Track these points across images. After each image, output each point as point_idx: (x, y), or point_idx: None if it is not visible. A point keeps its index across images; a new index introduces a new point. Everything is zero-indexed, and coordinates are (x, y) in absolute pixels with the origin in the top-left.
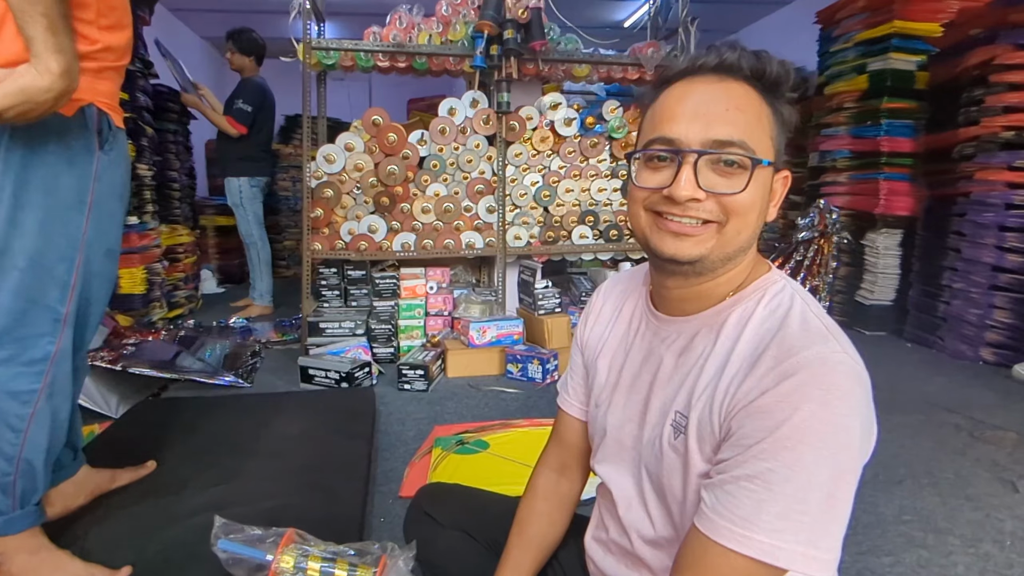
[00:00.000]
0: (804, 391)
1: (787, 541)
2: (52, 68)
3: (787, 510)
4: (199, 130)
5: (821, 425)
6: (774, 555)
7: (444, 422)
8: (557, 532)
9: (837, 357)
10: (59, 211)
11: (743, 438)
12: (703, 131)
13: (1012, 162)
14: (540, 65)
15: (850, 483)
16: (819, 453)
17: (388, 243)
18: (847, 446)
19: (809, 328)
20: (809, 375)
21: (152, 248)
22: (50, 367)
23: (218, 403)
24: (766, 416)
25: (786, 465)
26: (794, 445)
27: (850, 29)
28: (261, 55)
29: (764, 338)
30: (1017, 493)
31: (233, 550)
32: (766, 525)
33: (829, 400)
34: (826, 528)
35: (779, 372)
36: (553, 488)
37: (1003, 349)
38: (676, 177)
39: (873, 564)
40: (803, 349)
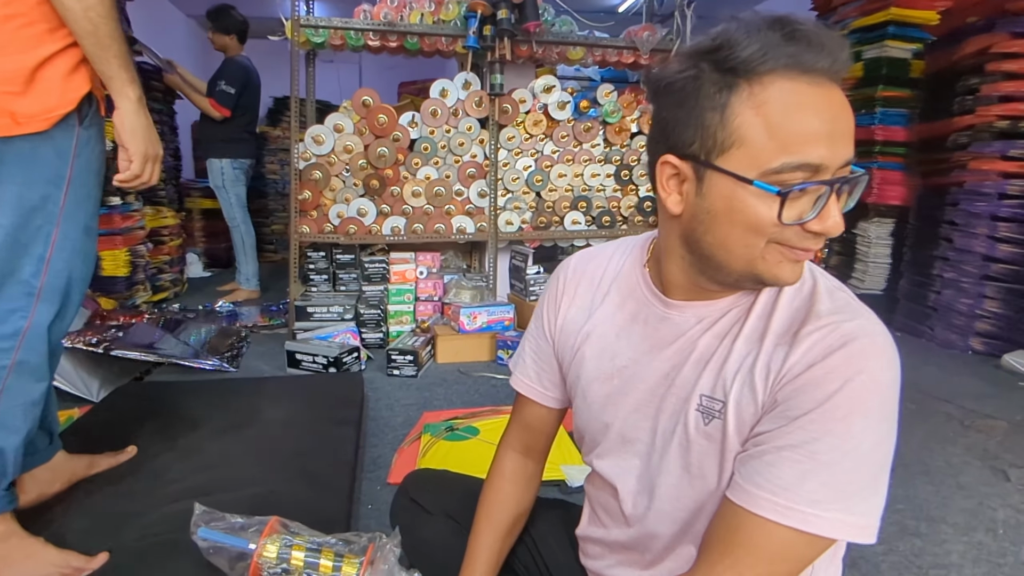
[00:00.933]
0: (854, 362)
1: (829, 510)
2: (131, 96)
3: (832, 479)
4: (184, 111)
5: (870, 395)
6: (819, 526)
7: (433, 408)
8: (524, 509)
9: (878, 328)
10: (36, 185)
11: (788, 410)
12: (844, 154)
13: (1006, 151)
14: (534, 47)
15: (889, 449)
16: (867, 422)
17: (378, 227)
18: (891, 413)
19: (839, 302)
20: (858, 347)
21: (136, 230)
22: (20, 342)
23: (202, 387)
24: (816, 388)
25: (832, 434)
26: (844, 415)
27: (846, 16)
28: (243, 33)
29: (798, 313)
30: (1008, 482)
31: (214, 539)
32: (809, 495)
33: (877, 370)
34: (867, 496)
35: (826, 345)
36: (520, 470)
37: (993, 339)
38: (826, 209)
39: (867, 552)
40: (845, 322)
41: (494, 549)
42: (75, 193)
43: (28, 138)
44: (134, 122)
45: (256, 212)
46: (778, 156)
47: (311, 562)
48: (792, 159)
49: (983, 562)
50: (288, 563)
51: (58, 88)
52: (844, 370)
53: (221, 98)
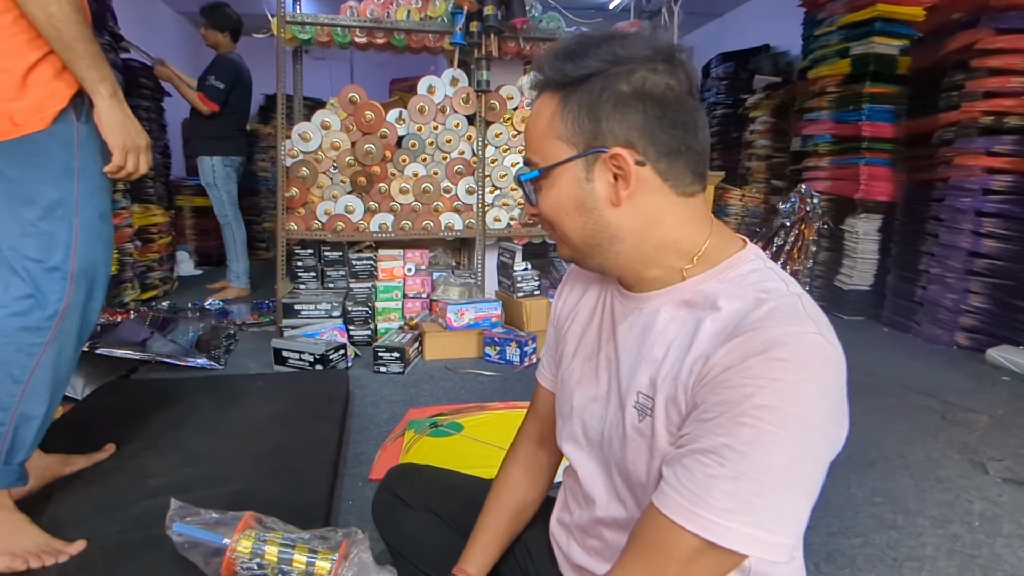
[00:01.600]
0: (769, 368)
1: (735, 521)
2: (104, 93)
3: (738, 489)
4: (174, 108)
5: (784, 404)
6: (721, 535)
7: (419, 405)
8: (533, 501)
9: (810, 338)
10: (51, 179)
11: (704, 412)
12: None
13: (990, 147)
14: (521, 43)
15: (811, 468)
16: (779, 433)
17: (365, 224)
18: (811, 428)
19: (783, 306)
20: (777, 353)
21: (123, 228)
22: (57, 322)
23: (187, 385)
24: (728, 391)
25: (742, 442)
26: (753, 422)
27: (834, 13)
28: (236, 30)
29: (735, 316)
30: (987, 475)
31: (189, 533)
32: (715, 503)
33: (795, 380)
34: (779, 512)
35: (746, 349)
36: (532, 458)
37: (977, 334)
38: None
39: (843, 545)
40: (774, 327)
41: (500, 530)
42: (86, 184)
43: (32, 138)
44: (110, 117)
45: (247, 210)
46: None
47: (285, 557)
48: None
49: (957, 554)
50: (262, 558)
51: (48, 89)
52: (759, 375)
53: (210, 92)
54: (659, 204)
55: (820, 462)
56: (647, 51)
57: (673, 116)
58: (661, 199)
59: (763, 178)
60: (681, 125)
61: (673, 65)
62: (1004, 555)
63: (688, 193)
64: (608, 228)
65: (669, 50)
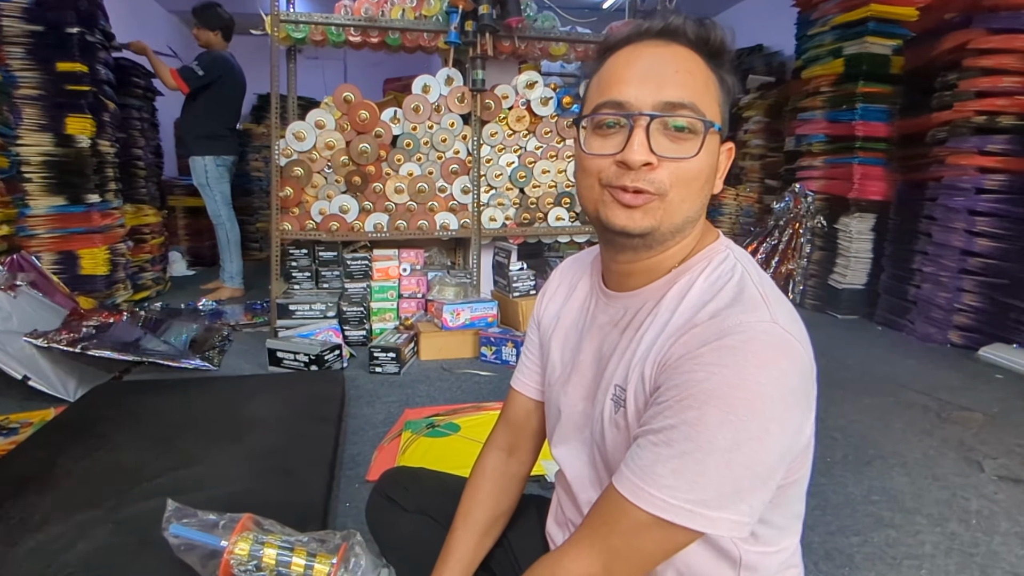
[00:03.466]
0: (720, 355)
1: (677, 498)
2: None
3: (682, 467)
4: (166, 107)
5: (731, 390)
6: (663, 509)
7: (415, 405)
8: (504, 510)
9: (763, 326)
10: None
11: (659, 396)
12: (655, 93)
13: (983, 147)
14: (516, 42)
15: (759, 451)
16: (724, 417)
17: (360, 224)
18: (757, 413)
19: (743, 297)
20: (729, 341)
21: (115, 228)
22: None
23: (181, 386)
24: (679, 375)
25: (688, 423)
26: (699, 405)
27: (827, 12)
28: (227, 29)
29: (697, 307)
30: (983, 473)
31: (186, 535)
32: (661, 480)
33: (744, 366)
34: (721, 490)
35: (700, 336)
36: (502, 469)
37: (971, 332)
38: (628, 141)
39: (842, 544)
40: (729, 317)
41: (469, 548)
42: None
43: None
44: None
45: (240, 210)
46: (595, 99)
47: (283, 560)
48: (602, 99)
49: (956, 552)
50: (260, 561)
51: None
52: (710, 362)
53: (185, 72)
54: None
55: (770, 447)
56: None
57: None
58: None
59: (757, 177)
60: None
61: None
62: (1001, 552)
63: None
64: (699, 208)
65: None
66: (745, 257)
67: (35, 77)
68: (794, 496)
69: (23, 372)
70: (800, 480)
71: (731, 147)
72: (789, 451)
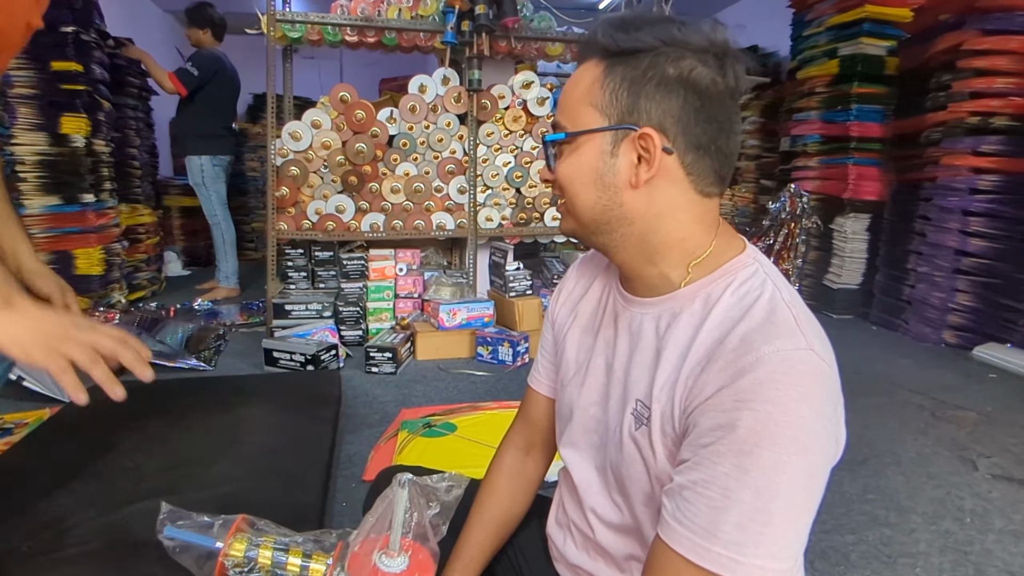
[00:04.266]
0: (760, 390)
1: (746, 555)
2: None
3: (746, 520)
4: (161, 107)
5: (778, 428)
6: (732, 569)
7: (412, 405)
8: (518, 511)
9: (800, 355)
10: None
11: (699, 437)
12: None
13: (977, 147)
14: (512, 42)
15: (813, 488)
16: (778, 458)
17: (356, 223)
18: (807, 449)
19: (776, 319)
20: (767, 373)
21: (110, 228)
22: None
23: (176, 386)
24: (722, 415)
25: (743, 470)
26: (751, 449)
27: (822, 13)
28: (218, 27)
29: (727, 328)
30: (977, 471)
31: (180, 537)
32: (725, 536)
33: (787, 401)
34: (786, 538)
35: (736, 368)
36: (519, 467)
37: (965, 332)
38: None
39: (837, 542)
40: (764, 344)
41: (483, 546)
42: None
43: None
44: (16, 332)
45: (236, 210)
46: None
47: (279, 560)
48: None
49: (950, 550)
50: (255, 562)
51: None
52: (749, 397)
53: (182, 75)
54: (675, 197)
55: (819, 479)
56: (703, 41)
57: (711, 111)
58: (679, 192)
59: (752, 178)
60: (716, 123)
61: (724, 62)
62: (995, 550)
63: (706, 193)
64: (620, 208)
65: (724, 46)
66: (774, 271)
67: (30, 76)
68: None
69: (17, 373)
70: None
71: (644, 132)
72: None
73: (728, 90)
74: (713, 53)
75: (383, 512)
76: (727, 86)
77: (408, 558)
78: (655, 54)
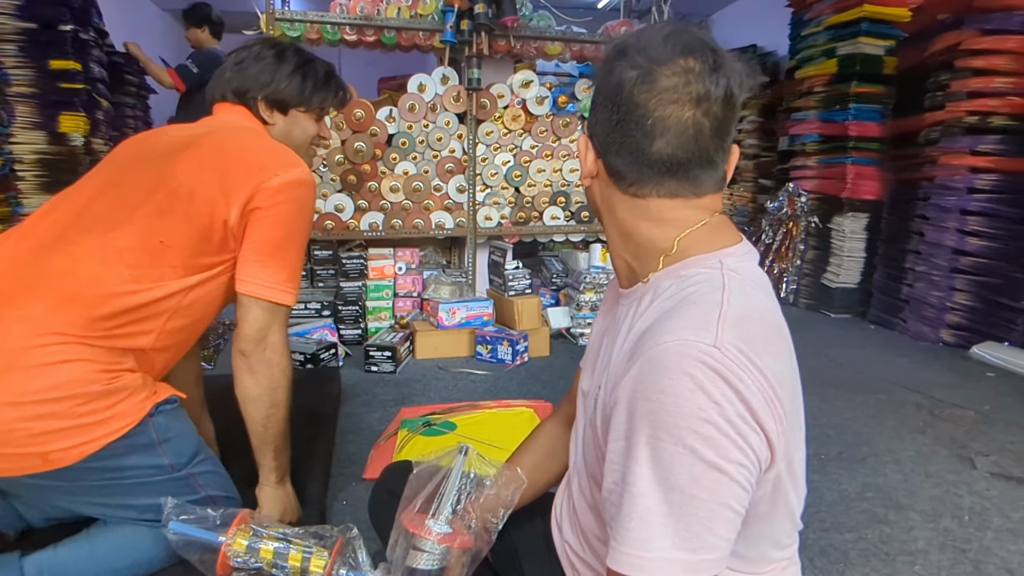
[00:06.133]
0: (654, 379)
1: (653, 550)
2: (271, 481)
3: (645, 516)
4: (160, 105)
5: (671, 419)
6: (642, 567)
7: (411, 404)
8: (548, 470)
9: (700, 347)
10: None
11: (611, 431)
12: None
13: (975, 147)
14: (512, 42)
15: (717, 482)
16: (676, 449)
17: (355, 222)
18: (705, 440)
19: (693, 312)
20: (661, 362)
21: None
22: None
23: None
24: (619, 406)
25: (641, 463)
26: (648, 441)
27: (821, 13)
28: (215, 25)
29: (652, 317)
30: (975, 469)
31: (184, 532)
32: (629, 534)
33: (680, 391)
34: (691, 528)
35: (637, 356)
36: (559, 433)
37: (962, 331)
38: None
39: (836, 540)
40: (667, 333)
41: (528, 463)
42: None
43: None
44: (272, 500)
45: None
46: None
47: (281, 553)
48: None
49: (949, 548)
50: (257, 555)
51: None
52: (645, 387)
53: (182, 71)
54: (611, 196)
55: (727, 472)
56: (639, 55)
57: (627, 116)
58: (612, 192)
59: (751, 177)
60: (635, 127)
61: (652, 67)
62: (994, 548)
63: (634, 194)
64: (590, 201)
65: (660, 57)
66: (746, 273)
67: (28, 74)
68: (765, 531)
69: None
70: (764, 515)
71: (583, 136)
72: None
73: (655, 95)
74: (646, 59)
75: (438, 477)
76: (653, 91)
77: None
78: (608, 65)
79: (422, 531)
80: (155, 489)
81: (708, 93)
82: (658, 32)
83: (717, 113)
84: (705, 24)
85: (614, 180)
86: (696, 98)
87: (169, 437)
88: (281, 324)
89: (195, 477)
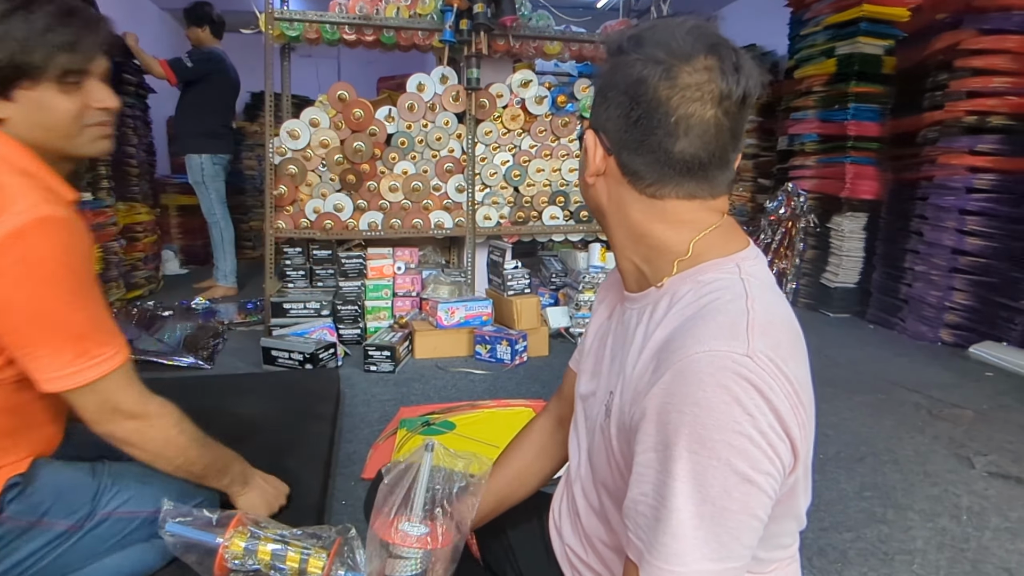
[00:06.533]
0: (687, 392)
1: (687, 563)
2: (239, 492)
3: (678, 530)
4: (158, 105)
5: (706, 431)
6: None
7: (410, 403)
8: (540, 467)
9: (734, 358)
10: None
11: (638, 443)
12: None
13: (974, 146)
14: (511, 41)
15: (748, 493)
16: (710, 463)
17: (354, 222)
18: (738, 451)
19: (721, 321)
20: (693, 374)
21: (108, 226)
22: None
23: (174, 384)
24: (647, 418)
25: (674, 476)
26: (680, 454)
27: (820, 13)
28: (216, 25)
29: (675, 325)
30: (973, 469)
31: (181, 533)
32: (664, 548)
33: (714, 404)
34: (720, 540)
35: (666, 367)
36: (550, 430)
37: (961, 330)
38: None
39: (835, 540)
40: (696, 344)
41: (498, 482)
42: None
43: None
44: (254, 501)
45: (234, 208)
46: None
47: (279, 554)
48: None
49: (947, 547)
50: (255, 556)
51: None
52: (677, 399)
53: (175, 64)
54: (624, 196)
55: (757, 485)
56: (659, 49)
57: (648, 113)
58: (626, 192)
59: (750, 177)
60: (658, 125)
61: (674, 63)
62: (992, 547)
63: (651, 194)
64: (592, 199)
65: (682, 53)
66: (761, 277)
67: None
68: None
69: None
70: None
71: (588, 131)
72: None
73: (676, 94)
74: (671, 58)
75: (407, 479)
76: (674, 90)
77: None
78: (618, 59)
79: (397, 538)
80: (80, 552)
81: (729, 92)
82: (678, 26)
83: (735, 113)
84: (714, 20)
85: (629, 179)
86: (718, 97)
87: (44, 508)
88: (122, 387)
89: (117, 511)
